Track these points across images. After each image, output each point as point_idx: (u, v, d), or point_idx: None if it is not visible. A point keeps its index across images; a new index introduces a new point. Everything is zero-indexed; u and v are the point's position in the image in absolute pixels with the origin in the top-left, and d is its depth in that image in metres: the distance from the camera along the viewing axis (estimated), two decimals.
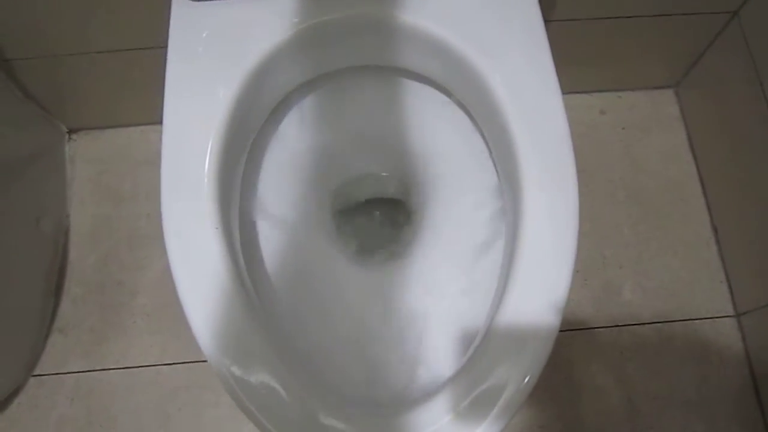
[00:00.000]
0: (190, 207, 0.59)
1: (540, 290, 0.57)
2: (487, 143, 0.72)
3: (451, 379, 0.56)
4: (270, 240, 0.72)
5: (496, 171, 0.72)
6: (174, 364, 1.00)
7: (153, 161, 1.09)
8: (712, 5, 0.95)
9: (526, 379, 0.54)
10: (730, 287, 1.04)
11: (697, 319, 1.02)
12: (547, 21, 0.66)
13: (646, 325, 1.02)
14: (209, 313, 0.56)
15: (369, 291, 0.70)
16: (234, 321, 0.56)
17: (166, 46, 0.65)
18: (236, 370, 0.54)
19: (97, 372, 1.00)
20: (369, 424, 0.54)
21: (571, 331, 1.01)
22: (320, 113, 0.78)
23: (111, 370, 1.00)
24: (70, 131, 1.13)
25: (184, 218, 0.59)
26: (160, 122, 1.13)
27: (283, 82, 0.71)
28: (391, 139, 0.79)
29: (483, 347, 0.56)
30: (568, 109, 0.62)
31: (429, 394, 0.56)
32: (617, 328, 1.02)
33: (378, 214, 0.88)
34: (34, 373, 0.99)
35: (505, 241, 0.67)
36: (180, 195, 0.60)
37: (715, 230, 1.07)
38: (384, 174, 0.83)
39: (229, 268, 0.57)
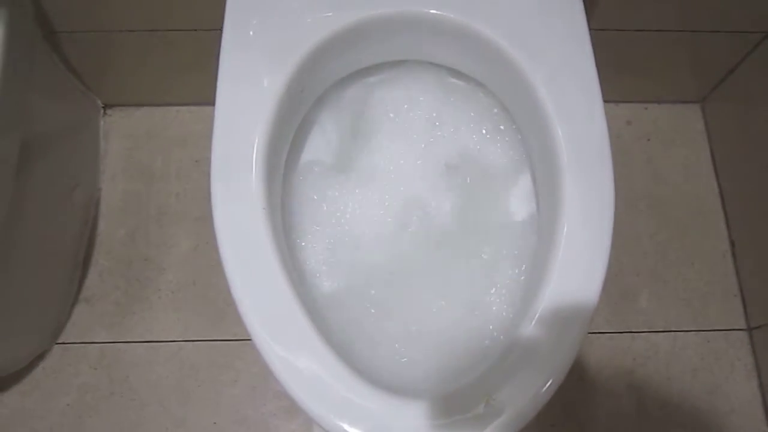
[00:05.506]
0: (238, 187, 0.61)
1: (571, 296, 0.59)
2: (524, 142, 0.74)
3: (478, 375, 0.57)
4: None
5: (531, 171, 0.74)
6: (196, 341, 1.02)
7: (185, 142, 1.13)
8: (745, 24, 0.96)
9: (549, 383, 0.56)
10: (743, 301, 1.06)
11: (709, 330, 1.04)
12: None
13: (660, 333, 1.04)
14: (257, 294, 0.58)
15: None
16: (281, 303, 0.57)
17: (210, 29, 0.67)
18: (281, 351, 0.56)
19: (121, 344, 1.01)
20: (395, 408, 0.55)
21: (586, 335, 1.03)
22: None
23: (134, 343, 1.02)
24: (106, 106, 1.14)
25: (233, 198, 0.61)
26: (197, 104, 1.15)
27: (330, 72, 0.72)
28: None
29: (509, 348, 0.58)
30: None
31: (457, 388, 0.57)
32: (631, 334, 1.04)
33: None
34: (59, 341, 1.01)
35: (538, 241, 0.69)
36: (229, 175, 0.62)
37: (732, 245, 1.09)
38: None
39: (275, 249, 0.59)
